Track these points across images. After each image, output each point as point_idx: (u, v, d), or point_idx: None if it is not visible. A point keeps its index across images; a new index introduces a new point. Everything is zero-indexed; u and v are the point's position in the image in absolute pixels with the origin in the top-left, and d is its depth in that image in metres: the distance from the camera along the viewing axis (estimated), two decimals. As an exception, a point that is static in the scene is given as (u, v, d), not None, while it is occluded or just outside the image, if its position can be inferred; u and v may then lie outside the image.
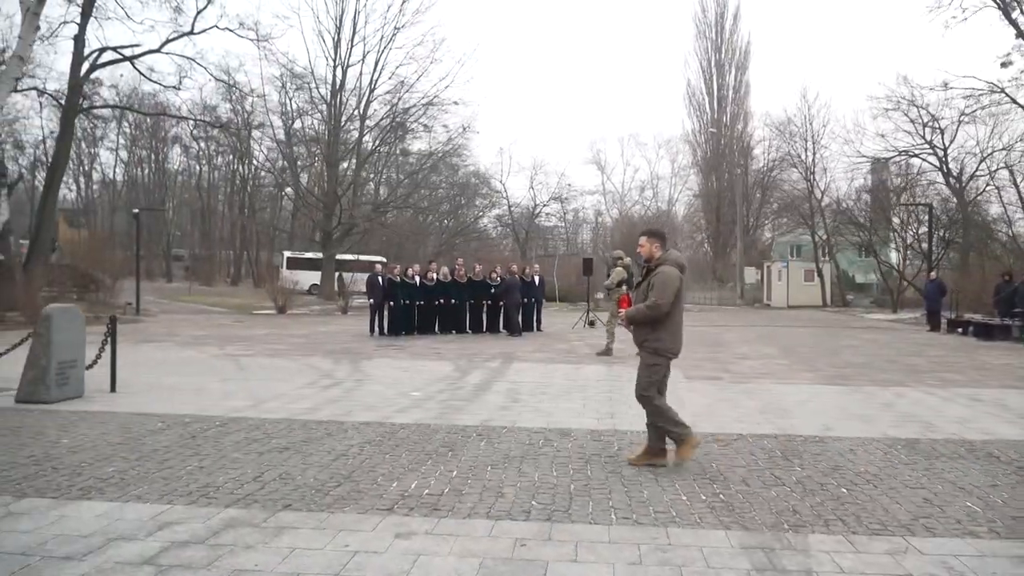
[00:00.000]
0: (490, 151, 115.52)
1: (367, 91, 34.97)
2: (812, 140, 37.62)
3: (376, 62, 34.64)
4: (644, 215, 51.72)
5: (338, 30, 34.38)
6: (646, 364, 5.12)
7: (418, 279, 16.66)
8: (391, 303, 16.39)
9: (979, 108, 27.24)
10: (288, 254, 39.76)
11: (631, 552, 3.55)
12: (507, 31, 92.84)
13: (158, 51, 25.24)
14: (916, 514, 4.15)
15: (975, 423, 6.86)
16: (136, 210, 27.49)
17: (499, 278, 17.33)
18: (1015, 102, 25.85)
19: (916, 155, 32.21)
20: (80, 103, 24.97)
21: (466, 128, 37.88)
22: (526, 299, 17.41)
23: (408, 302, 16.42)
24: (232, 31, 26.17)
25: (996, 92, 25.79)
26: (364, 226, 35.77)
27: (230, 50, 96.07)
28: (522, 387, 8.79)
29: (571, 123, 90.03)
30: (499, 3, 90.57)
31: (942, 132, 30.64)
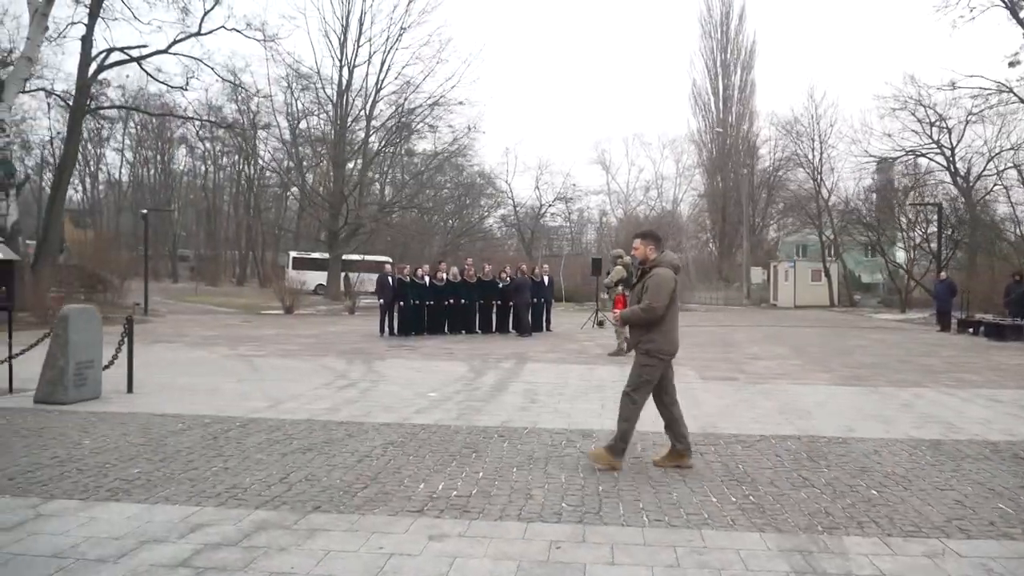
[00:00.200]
0: (496, 151, 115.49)
1: (373, 91, 34.94)
2: (819, 139, 37.53)
3: (382, 62, 34.62)
4: (649, 215, 51.50)
5: (344, 30, 34.37)
6: (639, 364, 5.14)
7: (427, 279, 16.66)
8: (401, 303, 16.40)
9: (987, 107, 27.19)
10: (294, 254, 39.73)
11: (667, 555, 3.53)
12: (513, 31, 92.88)
13: (165, 52, 25.23)
14: (949, 516, 4.13)
15: (997, 424, 6.83)
16: (144, 211, 27.45)
17: (509, 278, 17.34)
18: (1023, 102, 25.77)
19: (923, 155, 32.14)
20: (87, 104, 24.96)
21: (472, 128, 37.76)
22: (536, 299, 17.44)
23: (418, 302, 16.43)
24: (239, 32, 26.13)
25: (1004, 91, 25.73)
26: (370, 226, 35.73)
27: (236, 51, 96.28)
28: (539, 388, 8.77)
29: (576, 123, 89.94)
30: (505, 3, 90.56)
31: (949, 132, 30.56)
